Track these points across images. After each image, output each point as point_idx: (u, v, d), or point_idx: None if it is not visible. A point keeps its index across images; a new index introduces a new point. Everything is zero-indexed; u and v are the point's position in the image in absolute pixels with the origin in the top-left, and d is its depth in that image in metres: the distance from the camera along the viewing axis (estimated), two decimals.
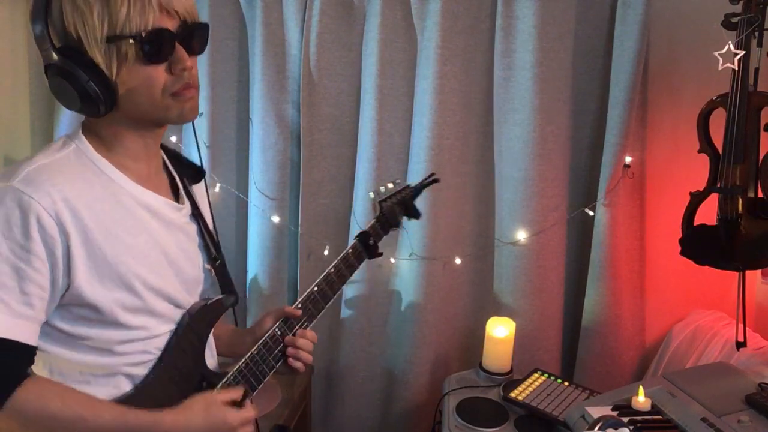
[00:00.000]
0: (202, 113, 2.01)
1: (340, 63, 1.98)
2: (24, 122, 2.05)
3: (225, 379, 1.11)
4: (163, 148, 1.13)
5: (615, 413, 1.38)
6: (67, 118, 2.01)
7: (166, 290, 1.02)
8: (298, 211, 2.06)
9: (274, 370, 1.18)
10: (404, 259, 2.03)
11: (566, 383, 1.79)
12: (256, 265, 2.10)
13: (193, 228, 1.10)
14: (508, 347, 1.87)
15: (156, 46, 0.91)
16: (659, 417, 1.40)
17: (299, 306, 1.21)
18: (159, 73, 0.93)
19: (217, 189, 2.07)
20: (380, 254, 1.38)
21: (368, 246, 1.35)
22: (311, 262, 2.09)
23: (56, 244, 0.89)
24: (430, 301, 2.01)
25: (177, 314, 1.06)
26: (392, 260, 2.05)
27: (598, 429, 1.26)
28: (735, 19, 1.52)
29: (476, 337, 2.02)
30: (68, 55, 0.91)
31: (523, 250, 1.94)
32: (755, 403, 1.37)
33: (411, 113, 1.98)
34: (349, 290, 2.08)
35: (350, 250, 1.31)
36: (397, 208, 1.46)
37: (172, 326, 1.05)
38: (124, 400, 0.99)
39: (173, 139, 2.06)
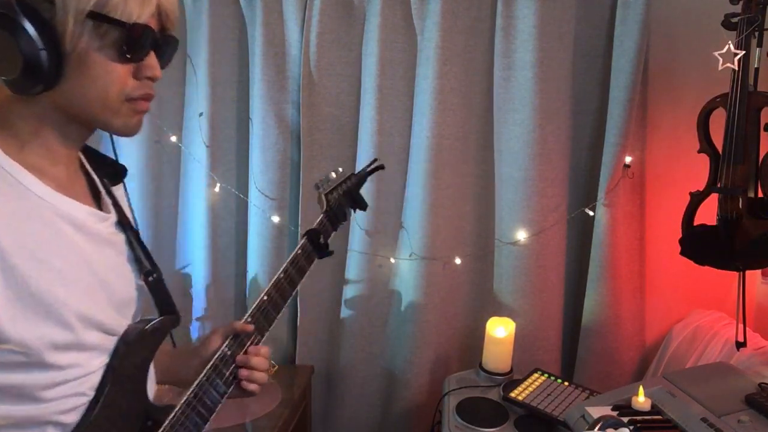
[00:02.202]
0: (201, 113, 2.02)
1: (340, 63, 1.98)
2: None
3: (173, 413, 0.95)
4: None
5: (615, 413, 1.38)
6: None
7: (99, 318, 0.85)
8: (298, 211, 2.06)
9: (226, 395, 1.03)
10: (404, 259, 2.03)
11: (566, 383, 1.79)
12: (256, 265, 2.10)
13: (120, 239, 0.93)
14: (508, 347, 1.87)
15: (138, 43, 0.80)
16: (659, 417, 1.40)
17: (249, 320, 1.06)
18: (125, 72, 0.81)
19: (217, 189, 2.07)
20: (331, 253, 1.24)
21: (318, 245, 1.22)
22: None
23: None
24: (430, 301, 2.01)
25: (110, 343, 0.88)
26: (392, 260, 2.05)
27: (598, 429, 1.26)
28: (735, 19, 1.52)
29: (476, 337, 2.02)
30: (30, 12, 0.74)
31: (523, 250, 1.94)
32: (755, 403, 1.37)
33: (411, 113, 1.98)
34: (349, 290, 2.09)
35: (299, 251, 1.18)
36: (343, 200, 1.34)
37: (106, 359, 0.87)
38: None
39: (173, 138, 2.06)
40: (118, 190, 1.00)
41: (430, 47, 1.87)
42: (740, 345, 1.63)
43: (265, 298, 1.08)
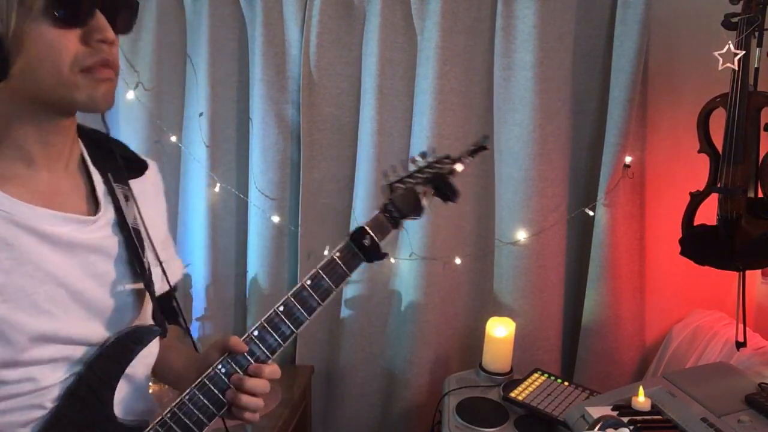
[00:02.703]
0: (201, 113, 2.02)
1: (340, 63, 1.98)
2: None
3: None
4: (83, 134, 0.89)
5: (615, 413, 1.38)
6: None
7: (63, 332, 0.79)
8: (298, 211, 2.06)
9: (215, 418, 0.90)
10: (404, 259, 2.03)
11: (566, 383, 1.79)
12: (256, 265, 2.10)
13: (113, 241, 0.86)
14: (508, 347, 1.87)
15: (72, 4, 0.73)
16: (659, 417, 1.40)
17: (256, 333, 0.92)
18: (70, 40, 0.73)
19: (217, 189, 2.07)
20: (384, 255, 1.01)
21: (364, 247, 0.99)
22: (311, 262, 2.09)
23: None
24: (430, 301, 2.01)
25: (85, 354, 0.83)
26: (392, 260, 2.05)
27: (598, 429, 1.26)
28: (735, 19, 1.52)
29: (476, 337, 2.02)
30: None
31: (523, 250, 1.94)
32: (755, 403, 1.37)
33: (411, 113, 1.98)
34: (349, 290, 2.09)
35: (337, 254, 0.98)
36: (421, 188, 1.05)
37: (76, 369, 0.82)
38: None
39: (173, 138, 2.06)
40: (135, 185, 0.93)
41: (430, 47, 1.87)
42: (740, 345, 1.63)
43: (281, 308, 0.93)
